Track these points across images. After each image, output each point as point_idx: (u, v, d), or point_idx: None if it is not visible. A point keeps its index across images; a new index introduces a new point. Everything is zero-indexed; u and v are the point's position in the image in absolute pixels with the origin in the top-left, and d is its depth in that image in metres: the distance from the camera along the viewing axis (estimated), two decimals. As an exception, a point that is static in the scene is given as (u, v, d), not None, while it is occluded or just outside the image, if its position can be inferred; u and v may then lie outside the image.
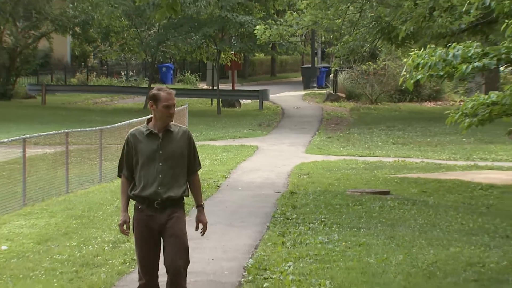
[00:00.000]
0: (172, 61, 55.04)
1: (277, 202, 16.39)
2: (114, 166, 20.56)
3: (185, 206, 7.88)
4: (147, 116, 8.64)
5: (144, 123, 7.77)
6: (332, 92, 46.69)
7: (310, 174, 20.58)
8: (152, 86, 42.26)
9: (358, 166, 22.24)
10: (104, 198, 16.67)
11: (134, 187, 7.65)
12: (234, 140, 29.12)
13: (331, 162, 23.06)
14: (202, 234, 7.81)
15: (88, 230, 13.25)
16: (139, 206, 7.60)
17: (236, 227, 13.74)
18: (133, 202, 7.72)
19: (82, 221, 14.13)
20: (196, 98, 43.99)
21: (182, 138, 7.66)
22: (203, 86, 52.70)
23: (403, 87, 11.24)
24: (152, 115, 7.73)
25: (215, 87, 41.79)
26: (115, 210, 15.03)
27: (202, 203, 7.83)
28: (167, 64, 55.45)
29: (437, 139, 29.35)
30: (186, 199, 7.84)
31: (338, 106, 42.46)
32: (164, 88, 7.68)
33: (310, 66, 56.69)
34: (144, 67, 57.57)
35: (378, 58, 40.39)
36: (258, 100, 41.57)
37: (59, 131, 19.73)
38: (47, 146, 20.33)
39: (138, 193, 7.57)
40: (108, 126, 21.51)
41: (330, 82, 51.42)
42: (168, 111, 7.56)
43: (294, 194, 17.28)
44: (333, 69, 43.54)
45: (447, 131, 29.82)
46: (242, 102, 43.56)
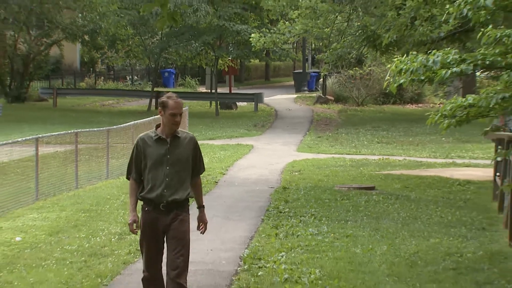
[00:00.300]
0: (173, 66, 54.98)
1: (270, 197, 16.39)
2: (120, 163, 20.57)
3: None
4: (151, 117, 8.62)
5: (152, 129, 7.62)
6: (321, 95, 46.65)
7: (301, 171, 20.59)
8: (155, 89, 42.34)
9: (345, 164, 22.26)
10: (110, 193, 16.66)
11: (142, 189, 7.54)
12: (231, 139, 29.12)
13: (321, 160, 23.07)
14: (202, 233, 7.75)
15: (96, 223, 13.24)
16: (146, 208, 7.51)
17: (232, 220, 13.74)
18: (140, 203, 7.63)
19: (91, 214, 14.12)
20: (196, 101, 43.96)
21: (188, 144, 7.55)
22: (202, 89, 52.63)
23: (387, 91, 11.22)
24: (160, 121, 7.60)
25: (214, 91, 41.75)
26: (121, 204, 15.03)
27: (203, 204, 7.76)
28: (169, 69, 55.42)
29: (418, 139, 29.38)
30: None
31: (327, 108, 42.45)
32: (173, 96, 7.49)
33: (301, 71, 56.64)
34: (147, 72, 57.50)
35: (364, 64, 40.41)
36: (253, 102, 41.55)
37: (69, 131, 19.70)
38: (58, 145, 20.30)
39: (145, 194, 7.48)
40: (114, 127, 21.51)
41: (319, 86, 51.35)
42: (173, 119, 7.41)
43: (286, 189, 17.28)
44: (322, 74, 43.47)
45: (428, 131, 29.86)
46: (239, 104, 43.54)
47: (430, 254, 11.00)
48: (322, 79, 48.58)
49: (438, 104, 40.86)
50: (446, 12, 9.59)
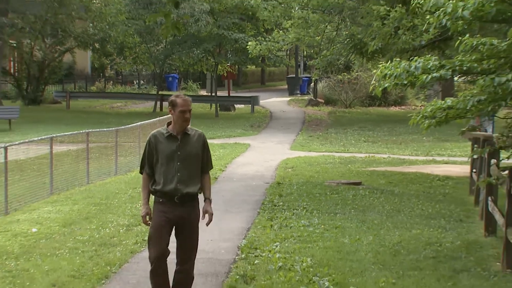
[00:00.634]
0: (177, 71, 54.93)
1: (266, 191, 16.38)
2: (127, 161, 20.58)
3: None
4: (156, 118, 8.56)
5: (164, 126, 7.49)
6: (312, 98, 46.67)
7: (294, 168, 20.58)
8: (160, 93, 42.30)
9: (334, 161, 22.25)
10: (119, 188, 16.65)
11: (154, 183, 7.37)
12: (230, 138, 29.11)
13: (312, 158, 23.07)
14: (207, 224, 7.51)
15: (105, 215, 13.23)
16: (160, 200, 7.33)
17: (231, 213, 13.72)
18: (153, 196, 7.48)
19: (101, 207, 14.11)
20: (197, 103, 43.88)
21: (197, 140, 7.39)
22: (203, 93, 52.59)
23: (373, 94, 11.23)
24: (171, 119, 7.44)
25: (214, 94, 41.75)
26: (129, 199, 15.02)
27: (210, 198, 7.52)
28: (173, 74, 55.37)
29: (401, 138, 29.39)
30: None
31: (318, 110, 42.45)
32: (181, 95, 7.37)
33: (294, 76, 56.65)
34: (153, 77, 57.43)
35: (351, 69, 40.36)
36: (250, 105, 41.54)
37: (81, 131, 19.69)
38: (71, 144, 20.30)
39: (160, 189, 7.29)
40: (122, 127, 21.50)
41: (311, 90, 51.37)
42: (183, 116, 7.27)
43: (280, 184, 17.27)
44: (313, 78, 43.55)
45: (410, 131, 29.86)
46: (236, 106, 43.52)
47: (412, 243, 11.00)
48: (313, 83, 48.62)
49: (420, 106, 40.90)
50: (427, 22, 9.59)
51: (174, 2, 7.74)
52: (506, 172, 9.81)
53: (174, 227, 7.40)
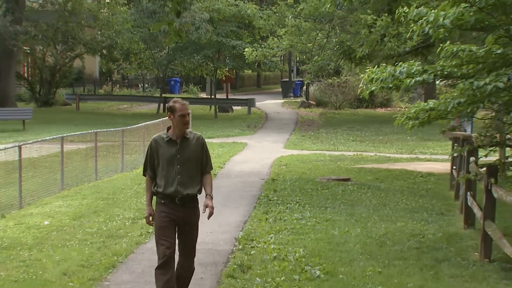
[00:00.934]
0: (179, 76, 54.88)
1: (261, 187, 16.37)
2: (133, 159, 20.55)
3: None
4: (159, 119, 8.52)
5: (164, 130, 7.39)
6: (305, 100, 46.63)
7: (287, 165, 20.57)
8: (163, 95, 42.25)
9: (325, 159, 22.25)
10: (125, 184, 16.63)
11: (156, 185, 7.27)
12: (228, 138, 29.07)
13: (304, 156, 23.06)
14: (208, 218, 7.35)
15: (112, 209, 13.22)
16: (162, 201, 7.24)
17: (229, 207, 13.72)
18: (155, 197, 7.41)
19: (108, 202, 14.09)
20: (197, 105, 43.88)
21: (196, 143, 7.28)
22: (203, 95, 52.55)
23: (361, 96, 11.25)
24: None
25: (213, 96, 41.74)
26: (134, 194, 15.01)
27: (211, 194, 7.35)
28: (175, 78, 55.29)
29: (387, 137, 29.40)
30: None
31: (309, 111, 42.44)
32: (178, 100, 7.25)
33: (288, 80, 56.64)
34: (156, 81, 57.35)
35: (341, 74, 40.44)
36: (247, 106, 41.50)
37: (90, 131, 19.67)
38: (80, 143, 20.28)
39: (162, 191, 7.19)
40: (128, 127, 21.46)
41: (303, 93, 51.33)
42: (183, 119, 7.16)
43: (275, 180, 17.27)
44: (305, 82, 43.47)
45: (395, 131, 29.87)
46: (234, 108, 43.45)
47: (397, 235, 11.01)
48: (305, 87, 48.59)
49: (404, 108, 40.88)
50: (411, 30, 9.60)
51: (176, 12, 7.75)
52: (484, 169, 9.83)
53: (177, 224, 7.32)
